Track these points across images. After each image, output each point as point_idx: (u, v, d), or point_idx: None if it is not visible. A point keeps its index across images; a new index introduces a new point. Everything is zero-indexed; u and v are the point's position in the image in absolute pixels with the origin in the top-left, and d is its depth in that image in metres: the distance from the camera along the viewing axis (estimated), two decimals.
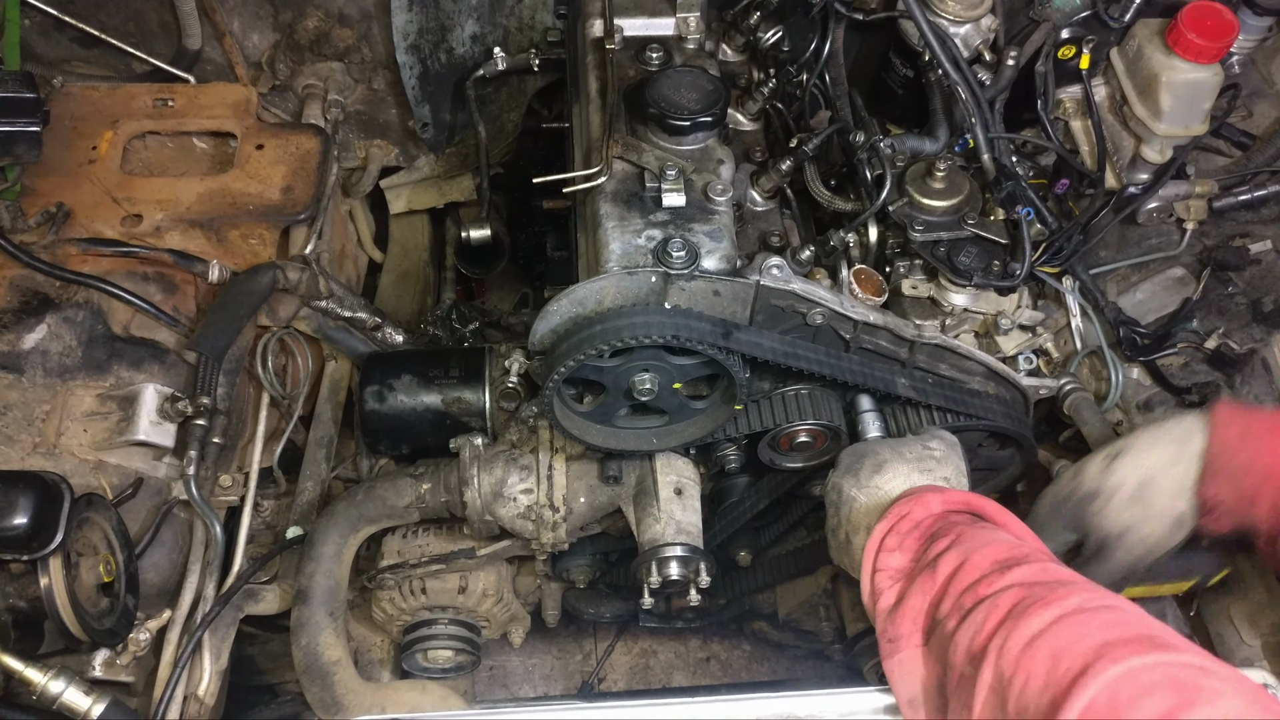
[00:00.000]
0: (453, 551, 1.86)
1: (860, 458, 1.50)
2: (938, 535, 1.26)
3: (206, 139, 2.12)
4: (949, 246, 1.61)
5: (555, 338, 1.50)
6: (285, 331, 1.96)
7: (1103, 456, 1.45)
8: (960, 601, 1.14)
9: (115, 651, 1.64)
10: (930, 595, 1.20)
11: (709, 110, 1.58)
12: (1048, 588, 1.09)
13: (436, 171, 2.59)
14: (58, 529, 1.37)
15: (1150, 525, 1.39)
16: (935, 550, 1.24)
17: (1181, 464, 1.38)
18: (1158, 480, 1.39)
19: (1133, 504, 1.40)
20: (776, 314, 1.51)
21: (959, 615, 1.13)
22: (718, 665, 2.72)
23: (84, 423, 1.68)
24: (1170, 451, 1.39)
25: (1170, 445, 1.40)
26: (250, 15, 2.27)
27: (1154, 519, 1.39)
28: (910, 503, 1.33)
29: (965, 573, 1.17)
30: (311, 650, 1.70)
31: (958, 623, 1.12)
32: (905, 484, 1.44)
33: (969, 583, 1.15)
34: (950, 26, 1.71)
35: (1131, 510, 1.40)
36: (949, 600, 1.16)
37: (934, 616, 1.18)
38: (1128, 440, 1.45)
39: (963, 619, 1.12)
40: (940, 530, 1.27)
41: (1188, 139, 1.73)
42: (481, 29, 2.30)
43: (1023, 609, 1.06)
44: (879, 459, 1.48)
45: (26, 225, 1.82)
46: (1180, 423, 1.41)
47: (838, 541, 1.48)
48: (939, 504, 1.32)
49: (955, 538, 1.23)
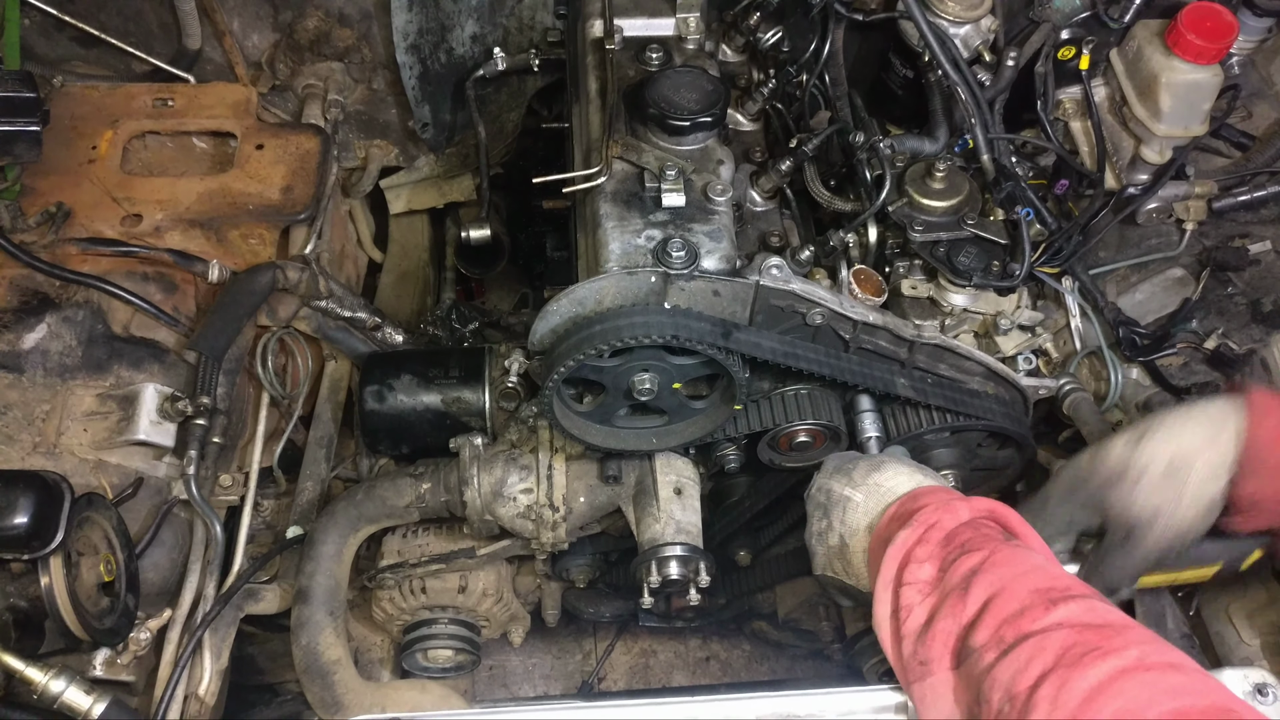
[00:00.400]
0: (453, 551, 1.86)
1: (852, 459, 1.44)
2: (967, 549, 1.18)
3: (206, 139, 2.12)
4: (948, 247, 1.61)
5: (555, 338, 1.50)
6: (285, 331, 1.96)
7: (1128, 436, 1.35)
8: (1000, 634, 1.07)
9: (116, 651, 1.65)
10: (962, 620, 1.13)
11: (709, 110, 1.58)
12: (1100, 633, 1.02)
13: (436, 171, 2.59)
14: (58, 528, 1.37)
15: (1184, 508, 1.30)
16: (965, 567, 1.16)
17: (1219, 445, 1.29)
18: (1193, 460, 1.29)
19: (1165, 484, 1.30)
20: (776, 314, 1.51)
21: (998, 648, 1.06)
22: (717, 665, 2.72)
23: (84, 422, 1.68)
24: (1205, 430, 1.30)
25: (1205, 424, 1.31)
26: (250, 15, 2.27)
27: (1188, 502, 1.29)
28: (938, 510, 1.24)
29: (1004, 601, 1.10)
30: (312, 650, 1.70)
31: (997, 657, 1.05)
32: (910, 482, 1.36)
33: (1009, 614, 1.08)
34: (950, 27, 1.71)
35: (1164, 491, 1.30)
36: (985, 629, 1.09)
37: (965, 642, 1.12)
38: (1155, 419, 1.35)
39: (1003, 654, 1.05)
40: (970, 544, 1.19)
41: (1187, 140, 1.73)
42: (481, 29, 2.30)
43: (1076, 656, 1.00)
44: (875, 459, 1.43)
45: (26, 225, 1.82)
46: (1214, 403, 1.32)
47: (828, 547, 1.40)
48: (967, 512, 1.24)
49: (987, 556, 1.16)
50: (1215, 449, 1.29)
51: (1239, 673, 1.17)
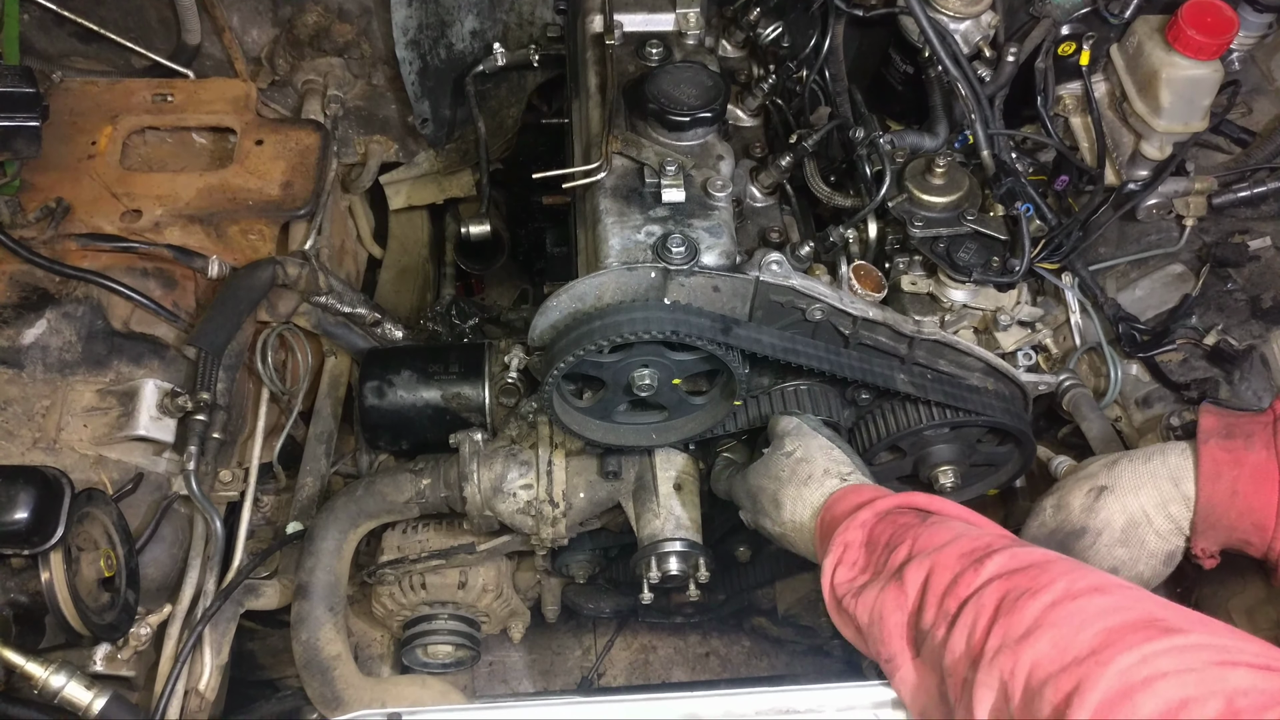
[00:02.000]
0: (452, 547, 1.86)
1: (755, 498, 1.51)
2: (892, 544, 1.23)
3: (206, 134, 2.11)
4: (948, 242, 1.61)
5: (555, 333, 1.50)
6: (285, 327, 1.96)
7: (1086, 490, 1.42)
8: (944, 608, 1.12)
9: (116, 646, 1.64)
10: (908, 609, 1.17)
11: (709, 106, 1.58)
12: (1028, 575, 1.07)
13: (436, 167, 2.59)
14: (58, 524, 1.37)
15: (1141, 564, 1.38)
16: (895, 560, 1.20)
17: (1174, 505, 1.35)
18: (1149, 521, 1.36)
19: (1122, 545, 1.38)
20: (776, 310, 1.51)
21: (946, 622, 1.11)
22: (717, 660, 2.72)
23: (84, 418, 1.68)
24: (1160, 493, 1.36)
25: (1160, 485, 1.36)
26: (250, 10, 2.27)
27: (1144, 559, 1.37)
28: (844, 530, 1.29)
29: (937, 577, 1.14)
30: (312, 645, 1.70)
31: (946, 630, 1.10)
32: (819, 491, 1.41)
33: (944, 586, 1.13)
34: (950, 23, 1.71)
35: (1120, 551, 1.38)
36: (930, 609, 1.13)
37: (918, 628, 1.16)
38: (1111, 474, 1.41)
39: (951, 625, 1.09)
40: (892, 539, 1.23)
41: (1187, 136, 1.73)
42: (481, 24, 2.30)
43: (1010, 603, 1.04)
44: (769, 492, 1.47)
45: (26, 220, 1.82)
46: (1166, 460, 1.37)
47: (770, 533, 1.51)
48: (870, 515, 1.29)
49: (911, 542, 1.20)
50: (1172, 508, 1.35)
51: None
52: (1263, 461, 1.29)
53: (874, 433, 1.66)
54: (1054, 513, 1.45)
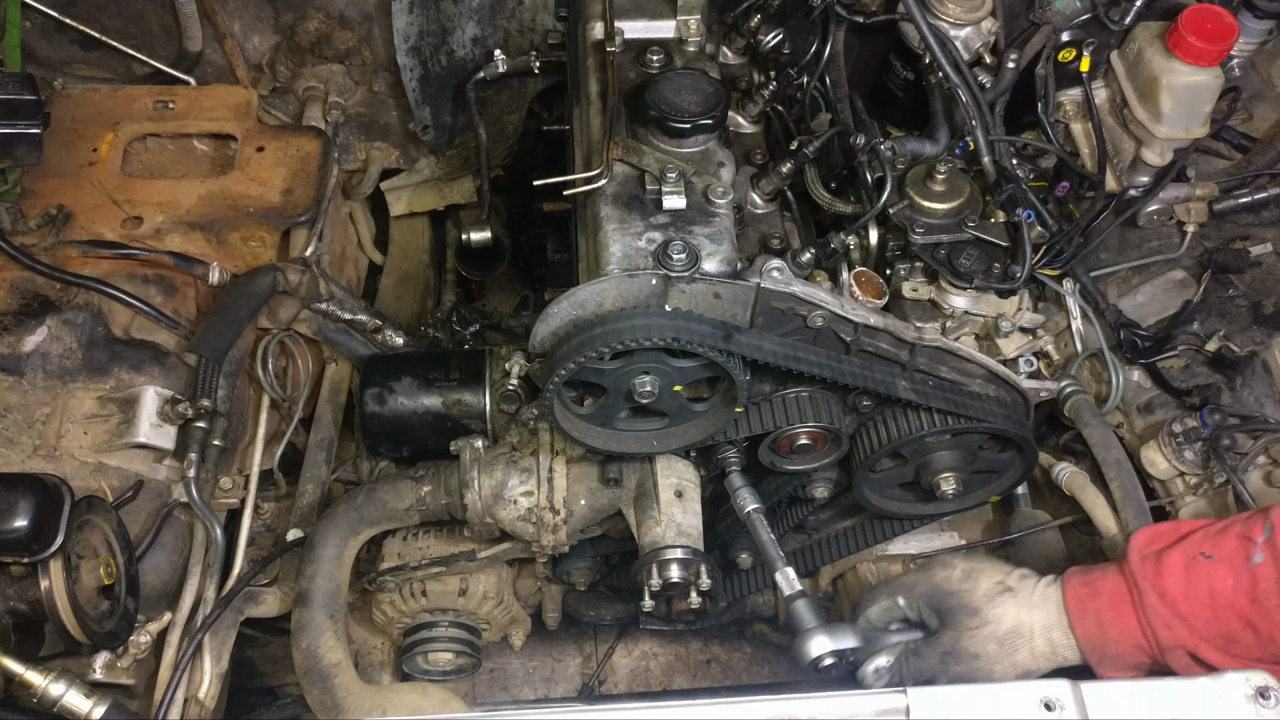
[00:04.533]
0: (453, 554, 1.86)
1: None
2: None
3: (207, 141, 2.12)
4: (949, 249, 1.61)
5: (556, 340, 1.50)
6: (285, 334, 1.96)
7: (997, 580, 1.51)
8: None
9: (116, 654, 1.64)
10: None
11: (709, 113, 1.58)
12: None
13: (437, 174, 2.59)
14: (58, 531, 1.37)
15: (1000, 667, 1.46)
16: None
17: (1056, 631, 1.44)
18: (1031, 637, 1.45)
19: (997, 643, 1.46)
20: (777, 316, 1.51)
21: None
22: (718, 668, 2.71)
23: (84, 425, 1.68)
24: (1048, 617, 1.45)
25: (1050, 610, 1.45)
26: (251, 17, 2.27)
27: (1006, 665, 1.45)
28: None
29: None
30: (312, 653, 1.70)
31: None
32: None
33: None
34: (951, 29, 1.71)
35: (992, 646, 1.46)
36: None
37: None
38: (1028, 579, 1.50)
39: None
40: None
41: (1188, 142, 1.73)
42: (482, 31, 2.30)
43: None
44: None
45: (27, 227, 1.82)
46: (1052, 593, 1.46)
47: None
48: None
49: None
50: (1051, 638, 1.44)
51: (1240, 675, 1.16)
52: (1116, 586, 1.41)
53: (875, 439, 1.66)
54: (962, 579, 1.53)
